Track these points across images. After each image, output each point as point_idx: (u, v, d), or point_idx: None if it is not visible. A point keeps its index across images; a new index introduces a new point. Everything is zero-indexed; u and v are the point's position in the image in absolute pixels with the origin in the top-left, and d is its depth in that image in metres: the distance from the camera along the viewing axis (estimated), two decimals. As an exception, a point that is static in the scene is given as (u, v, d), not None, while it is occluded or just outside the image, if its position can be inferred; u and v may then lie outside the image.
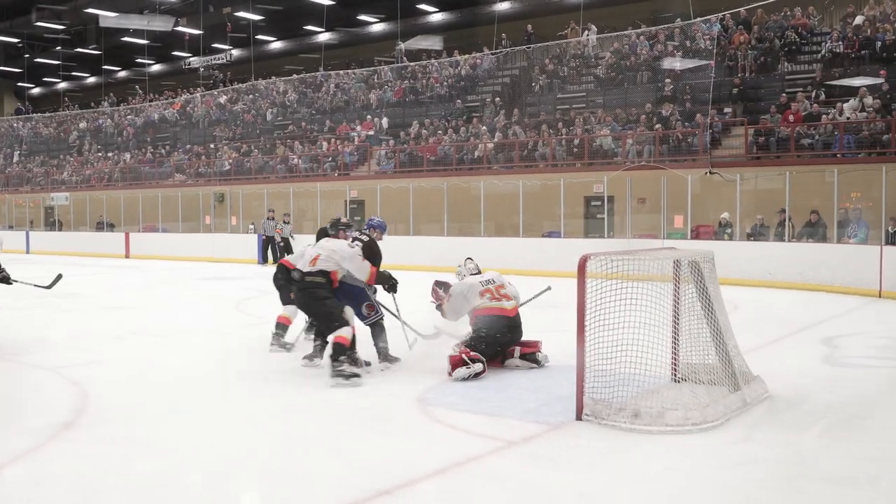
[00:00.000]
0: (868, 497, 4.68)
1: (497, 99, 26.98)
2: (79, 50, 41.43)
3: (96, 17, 34.64)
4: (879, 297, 14.14)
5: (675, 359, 6.63)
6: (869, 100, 19.04)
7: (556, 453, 5.37)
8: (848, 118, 19.08)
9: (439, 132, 26.42)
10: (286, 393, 7.14)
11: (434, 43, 32.77)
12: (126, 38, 37.30)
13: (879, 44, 20.72)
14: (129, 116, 39.14)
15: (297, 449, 5.52)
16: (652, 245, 15.68)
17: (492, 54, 29.00)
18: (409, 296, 9.35)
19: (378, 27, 36.98)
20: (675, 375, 6.60)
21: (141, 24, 33.24)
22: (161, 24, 33.15)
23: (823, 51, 21.97)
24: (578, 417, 6.02)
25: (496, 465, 5.17)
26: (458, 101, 28.04)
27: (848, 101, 19.49)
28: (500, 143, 24.41)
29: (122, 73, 44.91)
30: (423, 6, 34.14)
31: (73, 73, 47.31)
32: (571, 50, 27.24)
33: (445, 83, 29.19)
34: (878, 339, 9.94)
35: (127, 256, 27.73)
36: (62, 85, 48.59)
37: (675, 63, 23.81)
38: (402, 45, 31.66)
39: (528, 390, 7.02)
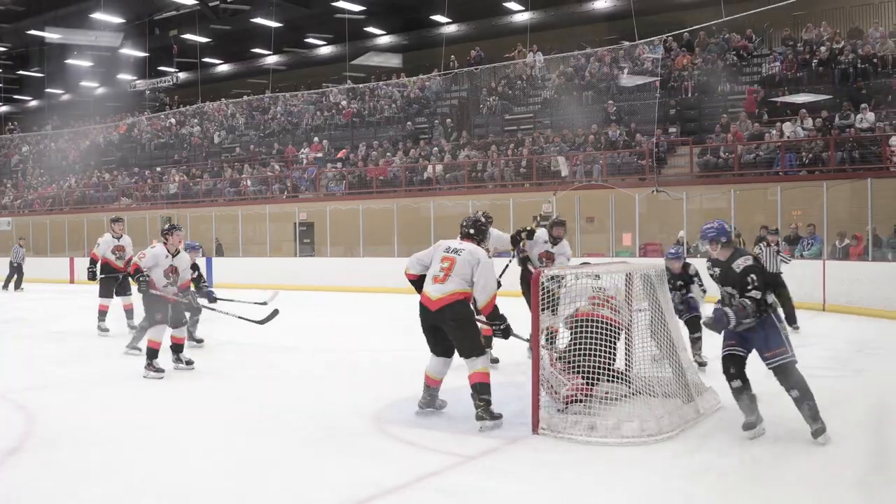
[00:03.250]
0: (823, 501, 4.78)
1: (448, 120, 27.14)
2: (21, 72, 40.77)
3: (39, 39, 34.14)
4: (823, 310, 14.46)
5: (629, 371, 6.71)
6: (809, 122, 19.57)
7: (514, 467, 5.39)
8: (788, 137, 19.56)
9: (388, 154, 26.47)
10: (243, 413, 7.07)
11: (386, 59, 32.83)
12: (70, 61, 36.80)
13: (816, 61, 21.33)
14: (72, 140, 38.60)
15: (255, 468, 5.46)
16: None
17: (439, 76, 29.17)
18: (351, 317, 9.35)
19: (326, 50, 37.00)
20: (630, 388, 6.67)
21: (88, 40, 32.68)
22: (108, 41, 32.68)
23: (764, 71, 22.58)
24: (535, 431, 6.05)
25: (455, 481, 5.17)
26: (408, 123, 28.12)
27: (787, 121, 20.00)
28: (449, 164, 24.52)
29: (66, 97, 44.27)
30: (370, 29, 34.26)
31: (15, 97, 46.51)
32: (518, 71, 27.55)
33: (394, 105, 29.28)
34: (824, 350, 10.14)
35: (72, 282, 27.20)
36: (3, 108, 47.70)
37: (621, 84, 24.22)
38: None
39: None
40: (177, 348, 9.14)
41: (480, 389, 6.29)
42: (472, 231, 6.78)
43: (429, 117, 28.28)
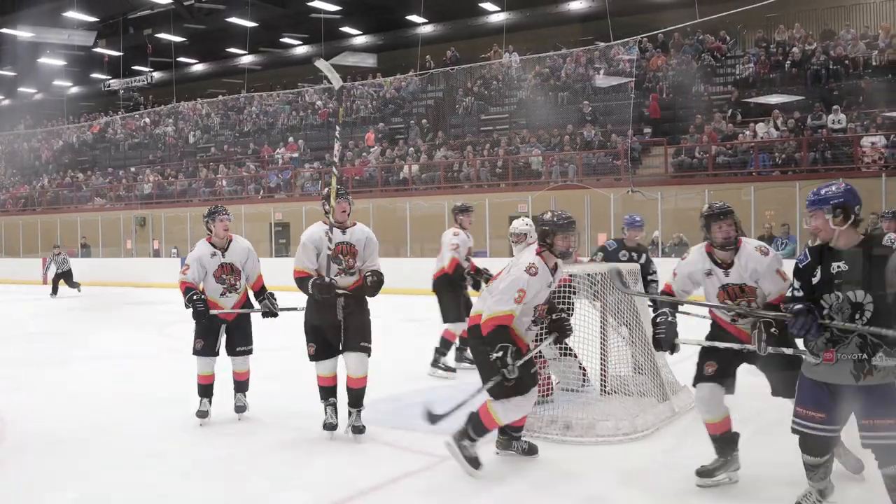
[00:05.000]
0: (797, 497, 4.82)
1: (424, 121, 27.15)
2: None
3: (11, 37, 33.76)
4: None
5: (605, 371, 6.74)
6: (781, 121, 19.76)
7: (490, 467, 5.39)
8: (762, 138, 19.74)
9: (364, 154, 26.44)
10: (216, 416, 7.03)
11: (361, 60, 32.65)
12: (43, 60, 36.42)
13: (789, 63, 21.51)
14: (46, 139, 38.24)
15: (231, 470, 5.44)
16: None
17: (416, 76, 29.17)
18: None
19: (301, 49, 36.88)
20: (605, 388, 6.71)
21: (60, 39, 32.32)
22: (81, 39, 32.35)
23: (737, 72, 22.77)
24: (511, 431, 6.05)
25: (431, 481, 5.18)
26: (380, 123, 28.10)
27: (760, 122, 20.18)
28: (425, 164, 24.52)
29: (39, 96, 43.84)
30: (346, 29, 34.19)
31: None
32: (494, 72, 27.60)
33: (370, 105, 29.26)
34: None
35: (44, 283, 26.95)
36: (-26, 108, 47.17)
37: (596, 85, 24.33)
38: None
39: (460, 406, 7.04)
40: (239, 386, 6.95)
41: (472, 420, 5.28)
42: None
43: (405, 117, 28.26)
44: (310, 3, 29.62)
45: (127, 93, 39.47)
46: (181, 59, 37.93)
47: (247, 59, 36.78)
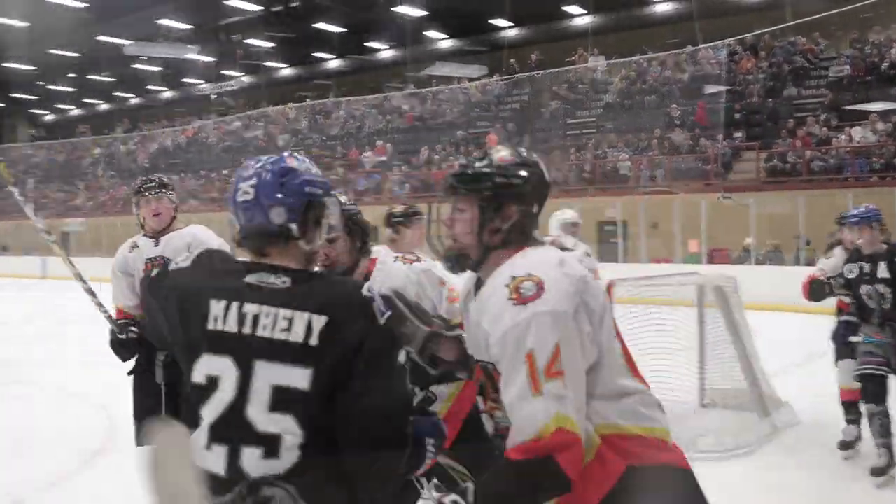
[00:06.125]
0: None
1: (509, 125, 27.20)
2: (91, 77, 41.72)
3: (108, 44, 34.91)
4: None
5: (703, 384, 6.74)
6: (880, 125, 19.21)
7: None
8: (858, 142, 19.25)
9: (451, 157, 26.60)
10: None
11: (453, 70, 32.60)
12: (137, 66, 37.59)
13: (886, 64, 20.88)
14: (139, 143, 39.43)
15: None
16: (669, 270, 15.66)
17: (501, 80, 29.23)
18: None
19: (387, 54, 37.27)
20: (703, 401, 6.70)
21: (157, 52, 33.31)
22: (176, 52, 33.29)
23: (831, 75, 22.19)
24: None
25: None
26: (459, 132, 28.20)
27: (857, 126, 19.66)
28: (511, 168, 24.54)
29: (135, 100, 45.24)
30: (431, 33, 34.41)
31: (86, 101, 47.63)
32: (580, 75, 27.48)
33: (455, 109, 29.43)
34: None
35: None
36: (75, 112, 48.88)
37: (686, 87, 24.04)
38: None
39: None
40: None
41: None
42: None
43: (490, 121, 28.34)
44: (395, 9, 29.91)
45: (218, 97, 40.41)
46: (270, 63, 38.75)
47: (334, 64, 37.33)
